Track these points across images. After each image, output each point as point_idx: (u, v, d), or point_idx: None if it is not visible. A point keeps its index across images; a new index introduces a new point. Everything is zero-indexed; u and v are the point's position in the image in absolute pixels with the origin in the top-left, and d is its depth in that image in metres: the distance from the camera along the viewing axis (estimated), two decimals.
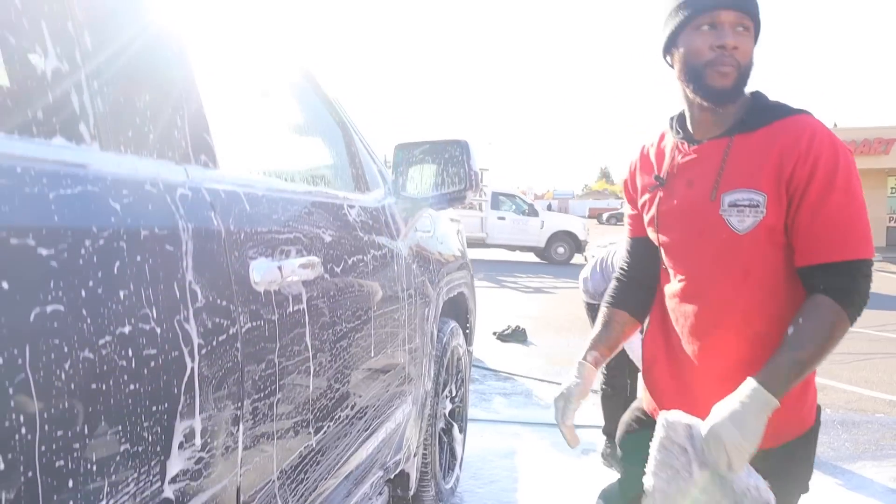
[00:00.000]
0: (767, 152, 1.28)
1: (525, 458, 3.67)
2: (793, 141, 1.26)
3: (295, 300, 1.32)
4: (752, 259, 1.32)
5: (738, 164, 1.31)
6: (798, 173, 1.25)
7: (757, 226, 1.28)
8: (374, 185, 2.13)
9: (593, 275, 3.61)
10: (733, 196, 1.30)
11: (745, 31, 1.30)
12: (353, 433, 1.70)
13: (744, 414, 1.19)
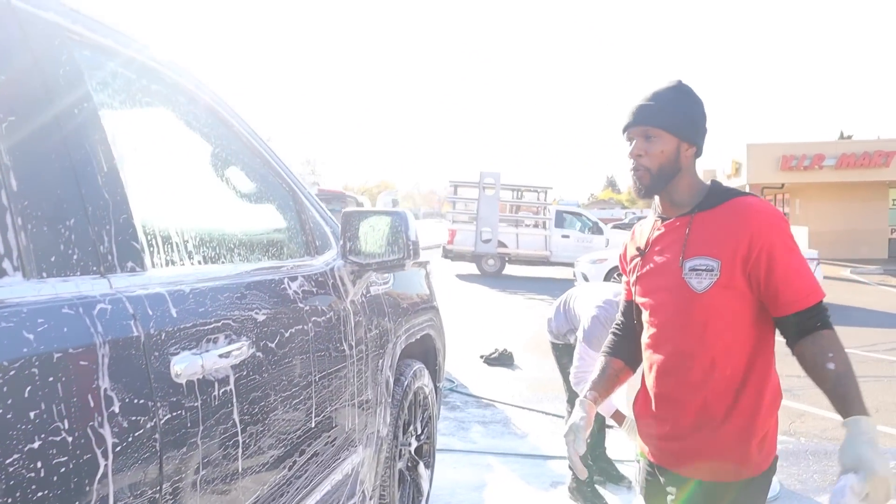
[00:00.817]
0: (721, 226, 1.60)
1: (494, 490, 3.79)
2: (737, 218, 1.59)
3: (221, 383, 1.45)
4: (709, 313, 1.61)
5: (697, 236, 1.63)
6: (756, 247, 1.55)
7: (712, 286, 1.59)
8: (326, 247, 2.26)
9: (556, 316, 3.72)
10: (693, 262, 1.61)
11: (656, 137, 1.66)
12: (291, 492, 1.82)
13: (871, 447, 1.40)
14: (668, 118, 1.66)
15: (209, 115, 1.80)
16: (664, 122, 1.65)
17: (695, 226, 1.64)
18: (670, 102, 1.67)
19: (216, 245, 1.67)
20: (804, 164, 20.90)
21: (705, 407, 1.63)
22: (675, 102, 1.68)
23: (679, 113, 1.67)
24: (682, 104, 1.68)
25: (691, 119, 1.69)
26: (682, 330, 1.64)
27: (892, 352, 7.96)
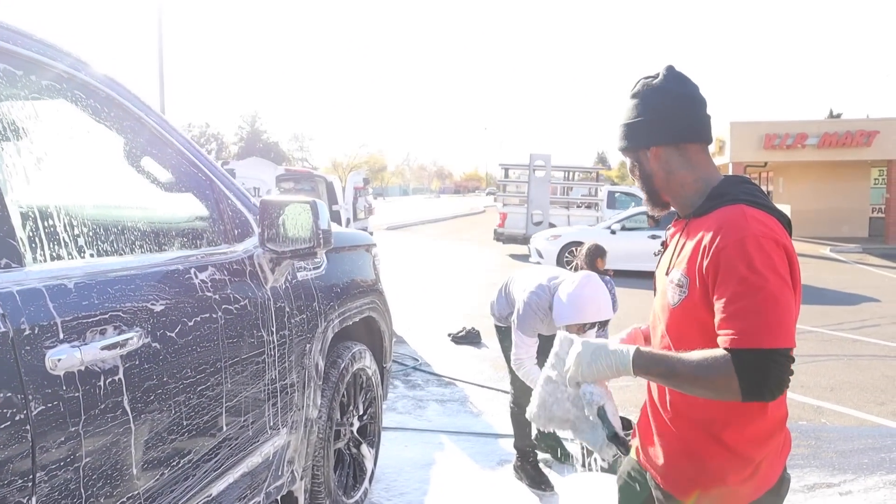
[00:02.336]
0: (696, 237, 1.46)
1: (442, 468, 3.87)
2: (709, 229, 1.43)
3: (108, 374, 1.49)
4: (681, 327, 1.51)
5: (683, 246, 1.53)
6: (703, 262, 1.41)
7: (682, 302, 1.48)
8: (246, 235, 2.30)
9: (499, 299, 3.78)
10: (672, 274, 1.52)
11: (632, 162, 1.64)
12: (198, 475, 1.88)
13: (605, 353, 1.47)
14: (629, 137, 1.61)
15: (113, 108, 1.82)
16: (624, 146, 1.63)
17: (686, 231, 1.55)
18: (627, 119, 1.62)
19: (114, 238, 1.70)
20: (787, 142, 20.91)
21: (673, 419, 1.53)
22: (631, 115, 1.61)
23: (634, 123, 1.60)
24: (638, 111, 1.59)
25: (648, 122, 1.58)
26: (662, 339, 1.58)
27: (857, 331, 8.09)
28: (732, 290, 1.34)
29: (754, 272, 1.34)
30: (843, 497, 3.62)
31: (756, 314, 1.32)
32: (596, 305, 3.19)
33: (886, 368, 6.35)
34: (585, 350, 1.50)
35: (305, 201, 2.14)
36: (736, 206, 1.43)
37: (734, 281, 1.34)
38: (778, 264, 1.36)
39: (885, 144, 20.31)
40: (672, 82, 1.59)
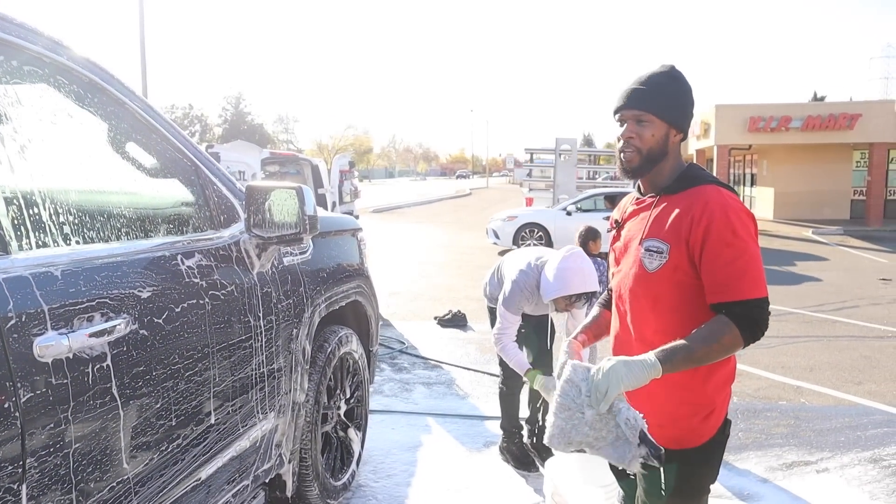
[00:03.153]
0: (674, 211, 1.68)
1: (429, 450, 3.91)
2: (690, 206, 1.66)
3: (96, 360, 1.50)
4: (659, 291, 1.71)
5: (658, 218, 1.73)
6: (693, 232, 1.63)
7: (662, 267, 1.68)
8: (232, 220, 2.30)
9: (490, 281, 3.81)
10: (648, 243, 1.72)
11: (648, 122, 1.72)
12: (187, 459, 1.90)
13: (634, 365, 1.58)
14: (662, 105, 1.73)
15: (95, 92, 1.80)
16: (657, 109, 1.72)
17: (656, 208, 1.75)
18: (663, 89, 1.74)
19: (100, 225, 1.70)
20: (771, 125, 21.05)
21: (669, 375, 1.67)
22: (668, 90, 1.74)
23: (671, 101, 1.74)
24: (674, 92, 1.75)
25: (682, 107, 1.76)
26: (635, 304, 1.77)
27: (837, 312, 8.21)
28: (724, 254, 1.60)
29: (739, 238, 1.61)
30: (820, 474, 3.71)
31: (744, 272, 1.61)
32: (581, 277, 3.22)
33: (864, 349, 6.47)
34: (618, 365, 1.58)
35: (291, 187, 2.14)
36: (711, 185, 1.70)
37: (723, 247, 1.60)
38: (753, 231, 1.66)
39: (867, 128, 20.50)
40: (683, 78, 1.80)
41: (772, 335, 6.93)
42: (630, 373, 1.57)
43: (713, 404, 1.74)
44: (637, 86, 1.75)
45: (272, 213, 2.17)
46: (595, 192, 14.42)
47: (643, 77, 1.77)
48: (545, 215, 13.74)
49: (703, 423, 1.74)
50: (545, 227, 13.38)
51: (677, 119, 1.75)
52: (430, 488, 3.44)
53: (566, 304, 3.31)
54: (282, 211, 2.15)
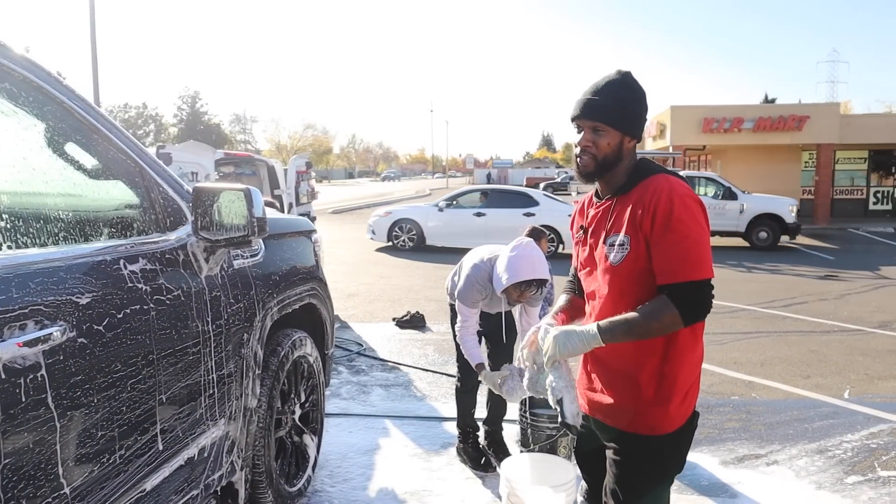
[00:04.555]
0: (631, 206, 1.79)
1: (386, 453, 3.88)
2: (640, 196, 1.78)
3: (29, 370, 1.44)
4: (624, 283, 1.81)
5: (616, 216, 1.84)
6: (643, 220, 1.75)
7: (624, 259, 1.79)
8: (179, 222, 2.24)
9: (453, 277, 3.80)
10: (611, 239, 1.83)
11: (603, 132, 1.83)
12: (130, 470, 1.84)
13: (575, 334, 1.79)
14: (615, 116, 1.82)
15: (31, 91, 1.74)
16: (611, 120, 1.82)
17: (615, 207, 1.86)
18: (617, 99, 1.82)
19: (35, 229, 1.64)
20: (724, 126, 21.54)
21: (621, 366, 1.86)
22: (622, 99, 1.83)
23: (625, 110, 1.84)
24: (628, 101, 1.84)
25: (635, 115, 1.85)
26: (603, 299, 1.88)
27: (786, 308, 8.44)
28: (667, 238, 1.71)
29: (682, 223, 1.71)
30: (769, 466, 3.80)
31: (686, 255, 1.71)
32: (530, 263, 3.22)
33: (812, 343, 6.66)
34: (560, 333, 1.80)
35: (239, 189, 2.10)
36: (658, 175, 1.81)
37: (666, 231, 1.71)
38: (698, 215, 1.75)
39: (814, 129, 21.14)
40: (635, 84, 1.88)
41: (724, 331, 7.09)
42: (569, 340, 1.78)
43: (684, 393, 1.83)
44: (592, 96, 1.83)
45: (220, 215, 2.12)
46: (469, 188, 14.83)
47: (598, 86, 1.84)
48: (417, 211, 14.00)
49: (677, 410, 1.82)
50: (417, 223, 13.67)
51: (631, 127, 1.85)
52: (388, 491, 3.42)
53: (518, 295, 3.30)
54: (230, 213, 2.10)
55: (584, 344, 1.77)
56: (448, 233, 13.44)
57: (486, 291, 3.44)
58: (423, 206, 14.25)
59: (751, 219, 15.01)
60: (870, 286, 10.19)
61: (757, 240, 15.03)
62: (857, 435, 4.27)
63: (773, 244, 14.96)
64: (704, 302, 1.72)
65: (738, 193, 15.35)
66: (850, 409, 4.77)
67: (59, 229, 1.72)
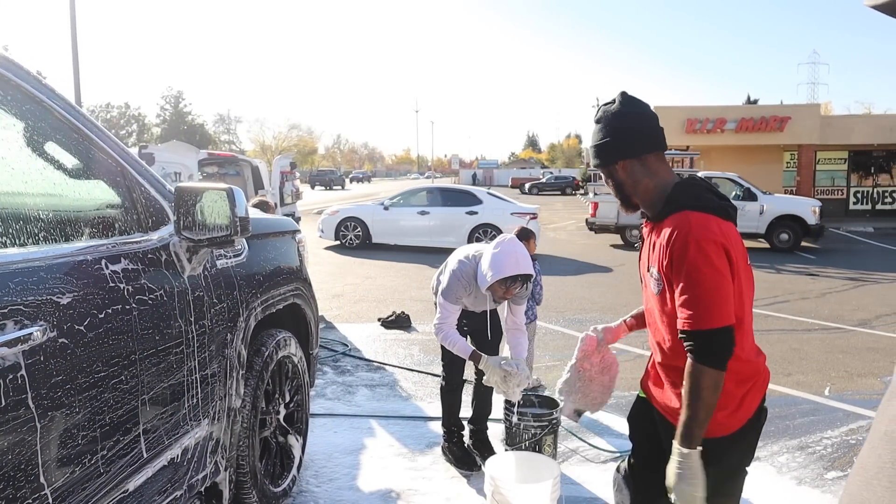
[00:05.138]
0: (658, 242, 1.84)
1: (371, 453, 3.88)
2: (667, 232, 1.79)
3: (8, 371, 1.43)
4: (663, 309, 1.88)
5: (653, 245, 1.89)
6: (663, 261, 1.79)
7: (661, 290, 1.85)
8: (161, 222, 2.23)
9: (438, 277, 3.80)
10: (651, 270, 1.90)
11: (611, 172, 1.94)
12: (112, 471, 1.83)
13: (682, 471, 1.76)
14: (596, 158, 1.96)
15: (8, 89, 1.72)
16: (597, 164, 1.96)
17: (652, 234, 1.92)
18: (593, 144, 1.96)
19: (14, 229, 1.62)
20: (707, 127, 21.75)
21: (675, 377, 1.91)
22: (595, 141, 1.95)
23: (599, 148, 1.93)
24: (599, 138, 1.93)
25: (611, 147, 1.90)
26: (651, 318, 1.99)
27: (769, 306, 8.52)
28: (680, 284, 1.75)
29: (696, 270, 1.72)
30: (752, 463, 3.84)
31: (698, 304, 1.72)
32: (514, 260, 3.22)
33: (793, 342, 6.74)
34: (682, 486, 1.77)
35: (222, 188, 2.09)
36: (682, 213, 1.78)
37: (681, 277, 1.74)
38: (714, 260, 1.72)
39: (795, 130, 21.39)
40: (627, 105, 1.91)
41: None
42: (688, 482, 1.76)
43: (738, 401, 1.87)
44: (593, 143, 1.96)
45: (203, 214, 2.11)
46: (414, 188, 15.01)
47: (594, 128, 1.96)
48: (364, 210, 14.20)
49: (730, 417, 1.87)
50: (363, 221, 13.86)
51: (613, 157, 1.91)
52: (373, 491, 3.42)
53: (503, 292, 3.31)
54: (212, 213, 2.10)
55: (694, 467, 1.76)
56: (393, 231, 13.75)
57: (470, 288, 3.44)
58: (369, 205, 14.45)
59: (771, 220, 14.56)
60: (850, 285, 10.33)
61: (778, 241, 14.59)
62: (837, 431, 4.33)
63: (795, 246, 14.53)
64: (720, 348, 1.73)
65: (758, 194, 14.96)
66: (830, 406, 4.83)
67: (39, 229, 1.71)
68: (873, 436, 0.52)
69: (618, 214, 15.31)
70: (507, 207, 13.38)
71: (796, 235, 14.49)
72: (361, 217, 13.87)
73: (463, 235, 13.10)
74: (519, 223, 12.85)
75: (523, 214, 13.24)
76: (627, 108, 1.90)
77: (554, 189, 46.85)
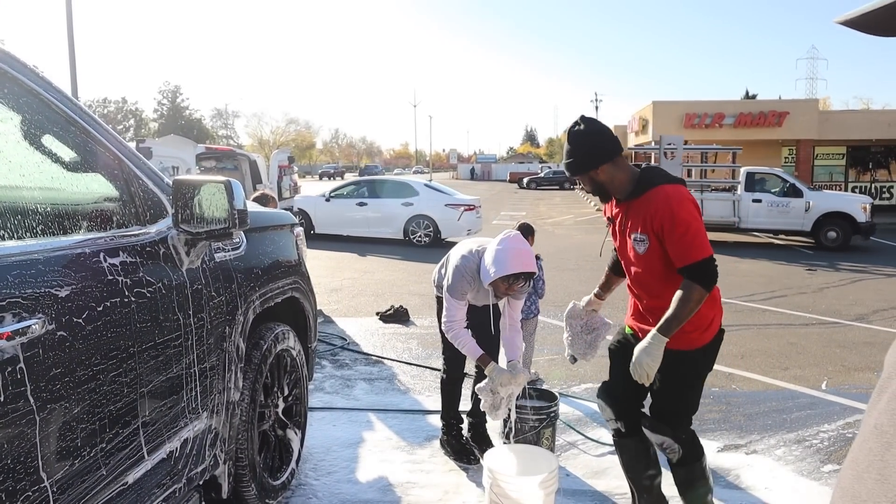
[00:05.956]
0: (644, 210, 2.50)
1: (370, 446, 3.89)
2: (648, 206, 2.49)
3: (8, 363, 1.43)
4: (649, 266, 2.57)
5: (633, 217, 2.57)
6: (655, 223, 2.46)
7: (647, 250, 2.54)
8: (159, 215, 2.22)
9: (439, 272, 3.80)
10: (634, 235, 2.58)
11: (586, 179, 2.61)
12: (112, 464, 1.83)
13: (651, 349, 2.44)
14: (578, 168, 2.58)
15: (6, 83, 1.71)
16: (583, 170, 2.58)
17: (630, 210, 2.58)
18: (572, 158, 2.57)
19: (12, 222, 1.62)
20: (706, 121, 21.75)
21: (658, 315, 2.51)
22: (574, 155, 2.56)
23: (584, 159, 2.55)
24: (577, 152, 2.55)
25: (589, 157, 2.55)
26: (637, 275, 2.65)
27: (767, 301, 8.54)
28: (675, 233, 2.42)
29: (683, 220, 2.42)
30: (749, 456, 3.86)
31: (692, 243, 2.42)
32: (518, 256, 3.19)
33: (790, 336, 6.75)
34: (641, 355, 2.48)
35: (220, 181, 2.09)
36: (659, 187, 2.49)
37: (673, 228, 2.42)
38: (693, 211, 2.47)
39: (794, 125, 21.40)
40: (591, 125, 2.57)
41: None
42: (650, 355, 2.44)
43: (708, 322, 2.57)
44: (568, 159, 2.59)
45: (201, 207, 2.11)
46: (354, 180, 15.54)
47: (568, 149, 2.58)
48: (308, 202, 14.51)
49: (703, 335, 2.57)
50: (307, 212, 14.13)
51: (590, 166, 2.55)
52: (372, 484, 3.43)
53: (506, 288, 3.29)
54: (210, 205, 2.09)
55: (659, 350, 2.43)
56: (333, 221, 14.14)
57: (474, 284, 3.43)
58: (313, 197, 14.76)
59: (818, 217, 13.98)
60: (847, 280, 10.35)
61: (825, 240, 13.98)
62: (833, 425, 4.35)
63: (844, 244, 13.90)
64: (713, 273, 2.44)
65: (804, 190, 14.44)
66: (827, 400, 4.84)
67: (36, 223, 1.71)
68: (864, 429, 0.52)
69: None
70: (442, 199, 13.76)
71: (845, 234, 13.87)
72: (305, 209, 14.18)
73: (399, 226, 13.65)
74: (453, 214, 13.13)
75: (457, 206, 13.56)
76: (593, 127, 2.55)
77: (552, 184, 46.76)
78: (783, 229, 14.54)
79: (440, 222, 13.46)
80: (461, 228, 13.51)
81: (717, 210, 14.72)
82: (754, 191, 14.68)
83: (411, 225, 13.60)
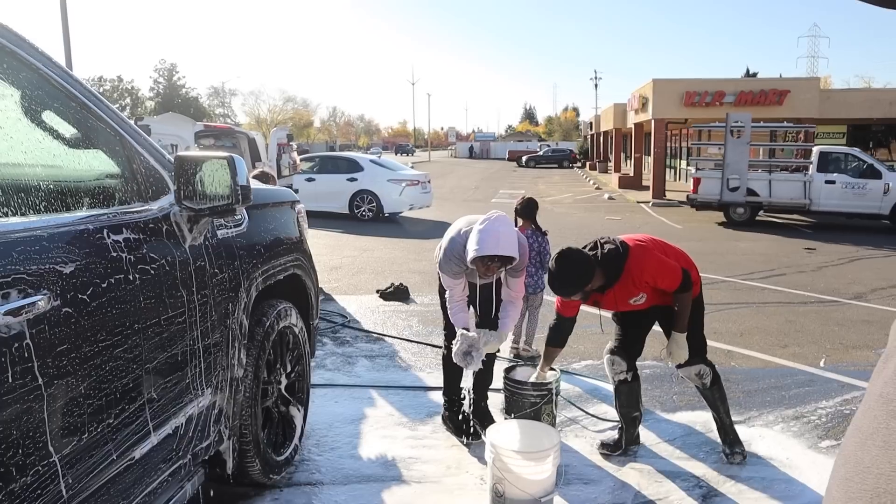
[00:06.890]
0: (629, 283, 3.28)
1: (372, 422, 3.92)
2: (632, 275, 3.25)
3: (14, 339, 1.43)
4: (647, 303, 3.38)
5: (621, 291, 3.33)
6: (649, 281, 3.26)
7: (646, 299, 3.35)
8: (161, 192, 2.21)
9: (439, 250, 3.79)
10: (633, 299, 3.34)
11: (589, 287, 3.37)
12: (118, 439, 1.84)
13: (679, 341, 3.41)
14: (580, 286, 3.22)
15: (5, 58, 1.69)
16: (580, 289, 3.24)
17: (617, 287, 3.30)
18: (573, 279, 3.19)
19: (15, 198, 1.61)
20: (706, 100, 21.57)
21: None
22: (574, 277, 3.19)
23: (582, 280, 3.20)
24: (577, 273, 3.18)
25: (584, 274, 3.18)
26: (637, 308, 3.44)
27: (765, 280, 8.56)
28: (662, 277, 3.26)
29: (657, 268, 3.26)
30: (748, 431, 3.89)
31: (672, 273, 3.28)
32: (494, 238, 3.15)
33: (789, 314, 6.78)
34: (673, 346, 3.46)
35: (222, 157, 2.08)
36: (625, 267, 3.25)
37: (656, 273, 3.25)
38: (656, 254, 3.32)
39: (795, 104, 21.24)
40: (576, 254, 3.21)
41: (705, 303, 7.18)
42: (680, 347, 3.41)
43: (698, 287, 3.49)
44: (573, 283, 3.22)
45: (203, 184, 2.10)
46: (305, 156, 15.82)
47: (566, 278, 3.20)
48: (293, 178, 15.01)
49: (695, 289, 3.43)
50: None
51: (591, 273, 3.19)
52: (374, 459, 3.46)
53: (484, 269, 3.27)
54: (213, 182, 2.08)
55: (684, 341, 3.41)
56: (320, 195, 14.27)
57: (462, 264, 3.43)
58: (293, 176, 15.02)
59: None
60: (846, 259, 10.36)
61: None
62: (831, 402, 4.38)
63: None
64: (689, 285, 3.32)
65: (883, 171, 13.63)
66: (825, 377, 4.88)
67: (38, 198, 1.70)
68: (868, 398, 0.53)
69: (721, 191, 14.41)
70: (385, 174, 14.02)
71: None
72: None
73: (344, 201, 13.99)
74: (394, 189, 13.40)
75: (399, 181, 13.83)
76: (578, 256, 3.18)
77: (551, 162, 46.65)
78: (858, 212, 13.76)
79: (382, 197, 13.83)
80: (403, 203, 13.90)
81: (787, 191, 14.06)
82: (828, 171, 13.89)
83: (356, 199, 13.99)
